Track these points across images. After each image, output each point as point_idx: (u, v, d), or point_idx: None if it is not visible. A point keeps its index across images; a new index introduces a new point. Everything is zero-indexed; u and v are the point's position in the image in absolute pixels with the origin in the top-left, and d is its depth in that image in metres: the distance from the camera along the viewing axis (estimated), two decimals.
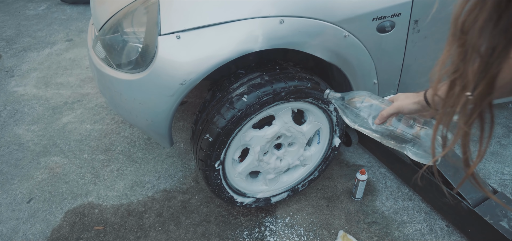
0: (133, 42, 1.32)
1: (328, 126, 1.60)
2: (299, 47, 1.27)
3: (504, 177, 1.93)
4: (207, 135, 1.35)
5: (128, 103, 1.37)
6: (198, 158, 1.44)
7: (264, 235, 1.68)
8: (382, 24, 1.31)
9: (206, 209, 1.80)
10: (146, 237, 1.68)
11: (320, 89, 1.42)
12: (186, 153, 2.15)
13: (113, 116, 2.47)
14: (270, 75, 1.36)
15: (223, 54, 1.20)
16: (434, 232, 1.67)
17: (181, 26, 1.19)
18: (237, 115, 1.31)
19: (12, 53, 3.36)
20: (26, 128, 2.38)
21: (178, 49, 1.20)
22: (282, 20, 1.20)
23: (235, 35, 1.19)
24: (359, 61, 1.39)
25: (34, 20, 4.05)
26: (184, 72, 1.22)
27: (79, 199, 1.87)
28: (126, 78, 1.32)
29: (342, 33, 1.28)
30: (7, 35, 3.70)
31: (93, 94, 2.73)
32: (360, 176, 1.74)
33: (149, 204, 1.84)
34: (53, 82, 2.90)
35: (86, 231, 1.71)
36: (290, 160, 1.64)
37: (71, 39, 3.62)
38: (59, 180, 1.99)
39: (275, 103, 1.35)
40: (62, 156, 2.15)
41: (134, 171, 2.03)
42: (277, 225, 1.72)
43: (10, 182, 1.98)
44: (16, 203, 1.86)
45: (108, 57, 1.40)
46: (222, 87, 1.42)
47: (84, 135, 2.32)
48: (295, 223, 1.73)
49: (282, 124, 1.46)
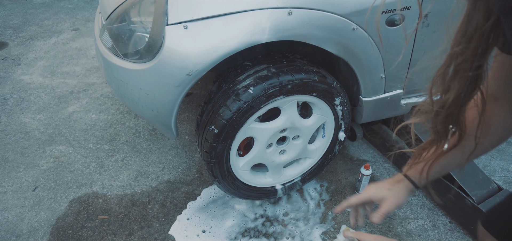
0: (140, 31, 1.31)
1: (333, 120, 1.59)
2: (307, 39, 1.26)
3: (509, 174, 1.91)
4: (213, 126, 1.35)
5: (134, 93, 1.37)
6: (203, 150, 1.44)
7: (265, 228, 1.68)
8: (392, 17, 1.30)
9: None
10: (149, 227, 1.68)
11: (327, 82, 1.41)
12: (190, 145, 2.15)
13: (119, 106, 2.47)
14: (277, 67, 1.35)
15: (231, 45, 1.19)
16: (437, 228, 1.66)
17: (189, 16, 1.18)
18: (243, 107, 1.30)
19: (19, 42, 3.37)
20: (32, 117, 2.39)
21: (185, 40, 1.19)
22: (290, 11, 1.19)
23: (242, 26, 1.18)
24: (366, 55, 1.38)
25: (41, 9, 4.05)
26: (191, 63, 1.21)
27: (84, 189, 1.88)
28: (132, 67, 1.32)
29: (350, 26, 1.27)
30: (14, 23, 3.71)
31: (99, 83, 2.73)
32: (364, 171, 1.73)
33: (153, 194, 1.85)
34: (59, 71, 2.91)
35: (91, 220, 1.72)
36: (294, 154, 1.63)
37: (78, 28, 3.62)
38: (64, 169, 2.00)
39: (281, 95, 1.35)
40: (68, 145, 2.16)
41: (138, 162, 2.04)
42: (279, 217, 1.72)
43: (16, 170, 1.99)
44: (22, 191, 1.87)
45: (115, 47, 1.39)
46: (228, 79, 1.41)
47: (89, 124, 2.32)
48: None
49: (287, 117, 1.46)
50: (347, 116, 1.59)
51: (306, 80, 1.35)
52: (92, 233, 1.66)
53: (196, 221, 1.70)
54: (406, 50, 1.44)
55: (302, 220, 1.70)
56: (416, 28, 1.38)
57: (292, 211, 1.75)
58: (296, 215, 1.72)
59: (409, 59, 1.48)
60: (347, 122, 1.63)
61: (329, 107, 1.53)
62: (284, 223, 1.69)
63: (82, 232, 1.66)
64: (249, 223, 1.69)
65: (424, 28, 1.38)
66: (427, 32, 1.40)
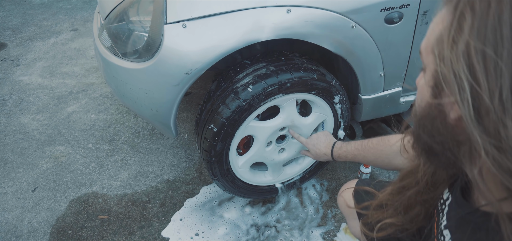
0: (139, 31, 1.31)
1: (332, 118, 1.59)
2: (306, 37, 1.26)
3: None
4: (212, 125, 1.35)
5: (133, 93, 1.37)
6: (203, 149, 1.44)
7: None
8: (390, 15, 1.30)
9: None
10: (149, 227, 1.68)
11: (326, 80, 1.41)
12: (190, 144, 2.15)
13: (118, 106, 2.47)
14: (276, 65, 1.35)
15: (229, 43, 1.19)
16: None
17: (188, 14, 1.18)
18: (242, 105, 1.30)
19: (17, 42, 3.36)
20: (31, 117, 2.39)
21: (184, 38, 1.19)
22: (289, 9, 1.19)
23: (241, 25, 1.18)
24: (365, 53, 1.38)
25: (39, 9, 4.05)
26: (190, 62, 1.21)
27: (84, 189, 1.88)
28: (131, 67, 1.32)
29: (349, 23, 1.27)
30: (12, 24, 3.71)
31: (98, 84, 2.73)
32: (364, 169, 1.73)
33: (153, 194, 1.84)
34: (58, 71, 2.90)
35: (90, 220, 1.72)
36: (294, 152, 1.63)
37: (77, 28, 3.62)
38: (63, 169, 2.00)
39: (280, 94, 1.35)
40: (67, 146, 2.16)
41: (138, 161, 2.04)
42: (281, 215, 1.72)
43: (15, 171, 1.99)
44: (22, 192, 1.87)
45: (113, 46, 1.39)
46: (227, 77, 1.41)
47: (88, 124, 2.32)
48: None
49: (286, 115, 1.46)
50: (346, 114, 1.59)
51: (305, 78, 1.35)
52: (92, 233, 1.66)
53: (188, 223, 1.70)
54: (405, 48, 1.44)
55: (299, 221, 1.70)
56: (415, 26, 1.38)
57: (289, 211, 1.75)
58: (294, 215, 1.73)
59: (408, 57, 1.48)
60: (347, 120, 1.63)
61: (328, 105, 1.53)
62: (279, 221, 1.69)
63: (82, 232, 1.66)
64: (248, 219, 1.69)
65: (423, 26, 1.38)
66: (426, 30, 1.40)
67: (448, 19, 0.43)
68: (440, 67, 0.41)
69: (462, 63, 0.38)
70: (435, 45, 0.44)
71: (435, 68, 0.44)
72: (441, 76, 0.42)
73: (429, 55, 0.47)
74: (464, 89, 0.38)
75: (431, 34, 0.47)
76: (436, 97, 0.45)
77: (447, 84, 0.40)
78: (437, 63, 0.42)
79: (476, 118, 0.38)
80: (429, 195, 0.69)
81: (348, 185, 1.17)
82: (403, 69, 1.52)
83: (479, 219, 0.51)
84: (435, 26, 0.47)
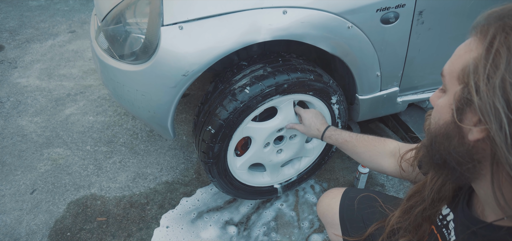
0: (135, 33, 1.31)
1: (329, 119, 1.60)
2: (302, 38, 1.27)
3: None
4: (209, 127, 1.35)
5: (130, 95, 1.37)
6: (200, 150, 1.44)
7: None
8: (386, 15, 1.30)
9: None
10: (148, 228, 1.68)
11: (323, 81, 1.42)
12: (188, 145, 2.15)
13: (116, 108, 2.47)
14: (273, 67, 1.36)
15: (226, 45, 1.20)
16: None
17: (184, 16, 1.18)
18: (240, 106, 1.31)
19: (15, 45, 3.36)
20: (29, 120, 2.39)
21: (180, 40, 1.19)
22: (285, 10, 1.19)
23: (238, 26, 1.18)
24: (362, 53, 1.38)
25: (37, 11, 4.04)
26: (187, 63, 1.22)
27: (82, 191, 1.88)
28: (128, 69, 1.32)
29: (345, 24, 1.27)
30: (10, 26, 3.70)
31: (96, 86, 2.73)
32: (362, 169, 1.74)
33: (151, 196, 1.85)
34: (56, 73, 2.90)
35: (89, 222, 1.72)
36: (292, 153, 1.64)
37: (74, 30, 3.61)
38: (62, 171, 2.00)
39: (278, 95, 1.35)
40: (65, 148, 2.16)
41: (136, 163, 2.04)
42: None
43: (13, 173, 1.99)
44: (20, 194, 1.87)
45: (110, 48, 1.39)
46: (224, 79, 1.41)
47: (86, 127, 2.32)
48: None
49: (284, 116, 1.46)
50: (343, 114, 1.60)
51: (302, 79, 1.36)
52: (91, 235, 1.66)
53: (175, 227, 1.70)
54: (401, 48, 1.44)
55: (296, 224, 1.71)
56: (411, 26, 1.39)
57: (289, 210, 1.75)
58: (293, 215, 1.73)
59: (404, 57, 1.48)
60: (344, 120, 1.63)
61: (326, 106, 1.53)
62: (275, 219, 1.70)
63: (80, 234, 1.66)
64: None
65: (418, 26, 1.39)
66: (422, 30, 1.41)
67: (480, 52, 0.46)
68: (476, 98, 0.46)
69: (498, 96, 0.43)
70: (464, 73, 0.48)
71: (460, 94, 0.48)
72: (477, 106, 0.46)
73: (454, 80, 0.51)
74: (501, 120, 0.43)
75: (457, 61, 0.51)
76: (457, 119, 0.49)
77: (484, 114, 0.45)
78: (472, 93, 0.46)
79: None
80: (432, 211, 0.72)
81: (329, 194, 1.20)
82: (400, 69, 1.53)
83: (494, 233, 0.54)
84: (462, 53, 0.51)
